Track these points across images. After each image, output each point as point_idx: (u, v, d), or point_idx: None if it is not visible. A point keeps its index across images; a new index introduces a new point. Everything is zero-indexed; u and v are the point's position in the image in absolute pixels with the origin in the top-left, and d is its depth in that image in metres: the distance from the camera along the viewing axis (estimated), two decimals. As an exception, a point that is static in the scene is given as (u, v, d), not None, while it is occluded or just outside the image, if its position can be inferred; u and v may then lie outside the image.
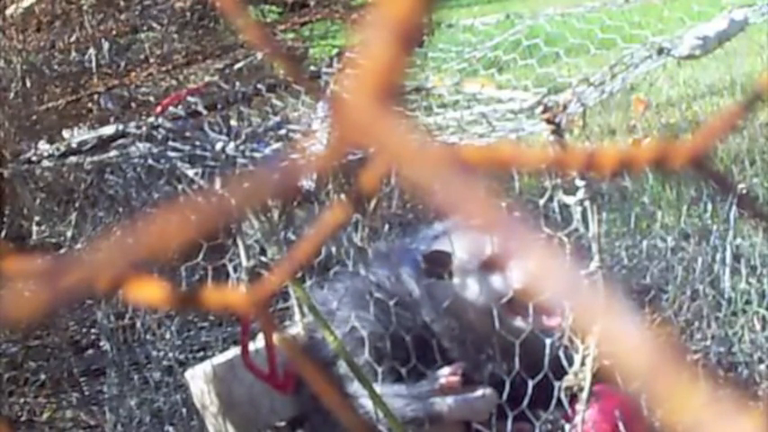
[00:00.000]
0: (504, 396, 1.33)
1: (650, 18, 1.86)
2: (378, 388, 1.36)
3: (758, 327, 1.67)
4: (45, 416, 1.83)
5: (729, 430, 0.20)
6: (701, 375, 0.21)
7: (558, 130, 1.16)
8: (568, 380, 1.22)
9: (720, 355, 1.65)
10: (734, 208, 1.65)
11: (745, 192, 1.66)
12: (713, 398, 0.20)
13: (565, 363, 1.22)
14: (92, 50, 2.28)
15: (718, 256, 1.70)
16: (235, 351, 1.51)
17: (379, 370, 1.41)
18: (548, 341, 1.26)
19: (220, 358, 1.52)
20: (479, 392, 1.42)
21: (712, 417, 0.20)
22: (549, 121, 1.16)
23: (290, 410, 1.50)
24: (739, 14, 1.34)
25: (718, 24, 1.32)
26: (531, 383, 1.27)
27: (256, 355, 1.46)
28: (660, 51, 1.28)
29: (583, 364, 1.20)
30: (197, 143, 1.48)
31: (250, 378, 1.46)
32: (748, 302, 1.67)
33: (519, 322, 1.39)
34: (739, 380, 1.60)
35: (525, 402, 1.29)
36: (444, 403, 1.42)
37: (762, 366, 1.63)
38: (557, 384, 1.23)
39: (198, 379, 1.49)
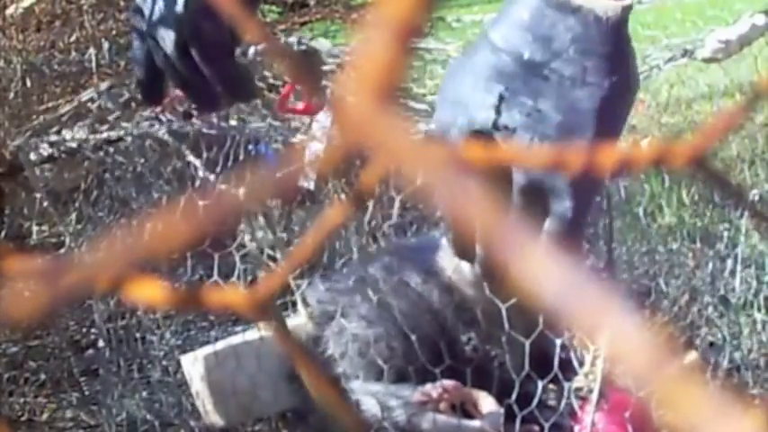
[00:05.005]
0: (513, 397, 1.28)
1: (664, 20, 1.86)
2: (375, 385, 1.35)
3: (759, 328, 1.67)
4: (45, 416, 1.83)
5: (729, 431, 0.20)
6: (702, 377, 0.21)
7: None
8: (578, 381, 1.20)
9: (722, 357, 1.65)
10: (734, 209, 1.65)
11: (743, 191, 1.66)
12: (714, 399, 0.20)
13: (576, 363, 1.20)
14: (92, 50, 2.28)
15: (718, 258, 1.70)
16: (239, 338, 1.48)
17: (385, 368, 1.39)
18: (557, 341, 1.22)
19: (222, 343, 1.48)
20: (477, 425, 1.35)
21: (712, 417, 0.20)
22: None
23: (293, 400, 1.47)
24: (760, 19, 1.35)
25: (740, 28, 1.32)
26: (540, 384, 1.24)
27: (249, 347, 1.44)
28: (684, 54, 1.28)
29: (593, 365, 1.18)
30: (196, 143, 1.48)
31: (253, 366, 1.44)
32: (749, 304, 1.67)
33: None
34: (740, 381, 1.60)
35: (534, 403, 1.26)
36: (431, 421, 1.35)
37: (762, 368, 1.63)
38: (566, 385, 1.21)
39: (198, 364, 1.46)
